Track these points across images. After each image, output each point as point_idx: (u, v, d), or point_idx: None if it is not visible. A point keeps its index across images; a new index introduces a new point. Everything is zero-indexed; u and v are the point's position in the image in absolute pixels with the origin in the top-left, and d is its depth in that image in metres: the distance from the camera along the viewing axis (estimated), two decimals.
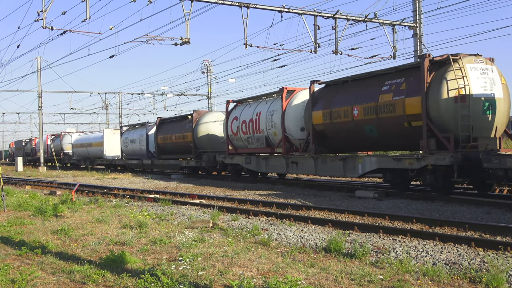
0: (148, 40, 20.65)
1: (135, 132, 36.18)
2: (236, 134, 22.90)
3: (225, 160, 23.84)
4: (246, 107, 22.68)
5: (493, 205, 12.09)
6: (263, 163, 20.96)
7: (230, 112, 23.92)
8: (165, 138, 30.65)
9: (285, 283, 5.41)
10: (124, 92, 56.03)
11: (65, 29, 22.19)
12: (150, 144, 33.44)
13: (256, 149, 21.55)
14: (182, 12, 19.14)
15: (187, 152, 28.05)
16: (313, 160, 17.99)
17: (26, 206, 13.74)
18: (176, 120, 30.59)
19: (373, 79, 16.03)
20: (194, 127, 27.15)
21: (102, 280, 6.18)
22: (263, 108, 21.10)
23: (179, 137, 28.62)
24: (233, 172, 24.05)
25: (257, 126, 21.26)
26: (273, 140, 20.54)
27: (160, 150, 31.69)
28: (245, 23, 20.57)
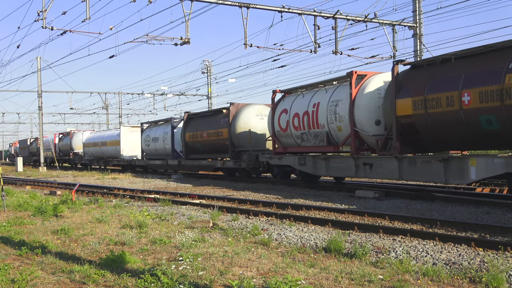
0: (148, 40, 20.66)
1: (158, 129, 32.38)
2: (285, 129, 19.53)
3: (271, 160, 20.53)
4: (298, 97, 19.12)
5: (493, 205, 12.10)
6: (322, 165, 17.50)
7: (277, 104, 20.40)
8: (195, 136, 27.13)
9: (285, 283, 5.41)
10: (124, 92, 56.03)
11: (65, 29, 22.20)
12: (176, 143, 29.99)
13: (312, 148, 18.01)
14: (182, 12, 19.16)
15: (222, 151, 24.75)
16: (396, 162, 14.28)
17: (26, 206, 13.74)
18: (208, 114, 27.05)
19: (492, 54, 12.19)
20: (231, 122, 23.61)
21: (102, 280, 6.19)
22: (323, 98, 17.45)
23: (212, 134, 25.25)
24: (281, 175, 21.04)
25: (314, 120, 17.66)
26: (336, 137, 16.94)
27: (188, 149, 28.14)
28: (245, 23, 20.58)
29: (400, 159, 14.23)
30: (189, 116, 28.72)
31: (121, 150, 37.58)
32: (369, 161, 15.44)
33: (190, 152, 28.13)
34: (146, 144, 33.84)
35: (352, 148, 15.99)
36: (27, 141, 67.32)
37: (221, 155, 25.19)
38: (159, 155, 32.24)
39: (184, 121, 28.55)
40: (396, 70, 14.54)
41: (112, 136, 40.01)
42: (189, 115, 28.76)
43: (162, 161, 31.06)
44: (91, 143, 44.31)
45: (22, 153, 68.66)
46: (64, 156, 52.31)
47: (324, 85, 18.19)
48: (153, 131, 33.01)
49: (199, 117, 27.71)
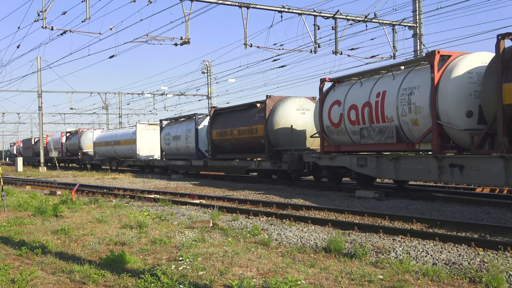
0: (148, 40, 20.66)
1: (179, 127, 29.36)
2: (337, 124, 16.74)
3: (319, 161, 17.60)
4: (355, 86, 16.37)
5: (493, 205, 12.10)
6: (389, 167, 14.45)
7: (326, 95, 17.61)
8: (223, 133, 24.14)
9: (285, 283, 5.41)
10: (124, 92, 56.04)
11: (65, 29, 22.19)
12: (200, 141, 27.18)
13: (375, 146, 15.23)
14: (182, 12, 19.15)
15: (256, 150, 21.99)
16: (502, 163, 11.29)
17: (26, 206, 13.75)
18: (238, 109, 23.94)
19: None
20: (268, 118, 20.82)
21: (102, 280, 6.19)
22: (390, 86, 14.63)
23: (244, 131, 22.35)
24: (331, 178, 18.07)
25: (379, 113, 14.85)
26: (410, 132, 14.02)
27: (215, 149, 25.13)
28: (245, 23, 20.57)
29: (508, 160, 11.14)
30: (216, 111, 25.54)
31: (137, 150, 34.49)
32: (458, 162, 12.36)
33: (218, 152, 25.16)
34: (166, 143, 30.76)
35: (434, 146, 12.97)
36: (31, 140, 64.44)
37: (255, 155, 22.50)
38: (181, 155, 29.33)
39: (211, 117, 25.48)
40: (502, 46, 11.54)
41: (127, 134, 36.82)
42: (216, 110, 25.66)
43: (185, 161, 28.00)
44: (102, 142, 41.20)
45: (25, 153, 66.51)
46: (72, 156, 49.70)
47: (388, 71, 15.33)
48: (174, 128, 30.01)
49: (228, 113, 24.55)
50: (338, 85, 17.50)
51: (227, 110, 24.98)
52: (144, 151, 34.57)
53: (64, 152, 51.37)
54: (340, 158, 16.71)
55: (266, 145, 20.85)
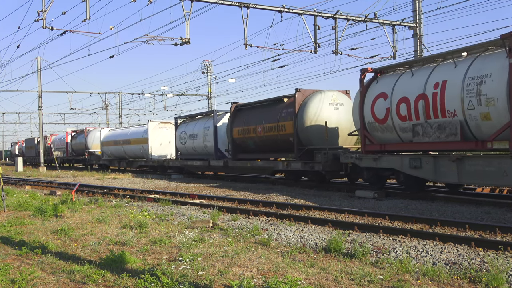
0: (148, 40, 20.66)
1: (196, 125, 27.47)
2: (383, 120, 14.88)
3: (360, 162, 15.73)
4: (404, 76, 14.51)
5: (493, 205, 12.10)
6: (451, 168, 12.72)
7: (367, 87, 15.74)
8: (245, 131, 22.21)
9: (285, 283, 5.41)
10: (124, 92, 56.03)
11: (65, 29, 22.21)
12: (219, 140, 25.37)
13: (433, 145, 13.32)
14: (182, 12, 19.16)
15: (283, 149, 20.20)
16: None
17: (26, 206, 13.75)
18: (262, 105, 22.00)
19: None
20: (298, 113, 18.95)
21: (102, 280, 6.19)
22: (452, 74, 12.77)
23: (270, 128, 20.50)
24: (373, 181, 16.06)
25: (437, 106, 13.02)
26: (478, 129, 12.21)
27: (237, 148, 23.31)
28: (245, 23, 20.58)
29: None
30: (237, 107, 23.52)
31: (149, 149, 32.60)
32: None
33: (239, 151, 23.29)
34: (181, 142, 28.78)
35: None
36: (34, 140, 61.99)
37: (282, 155, 20.81)
38: (198, 154, 27.43)
39: (231, 113, 23.57)
40: None
41: (138, 133, 34.90)
42: (237, 106, 23.53)
43: (203, 161, 26.07)
44: (111, 141, 39.16)
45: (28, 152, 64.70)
46: (77, 156, 47.71)
47: (445, 58, 13.62)
48: (190, 126, 28.10)
49: (251, 109, 22.61)
50: (382, 76, 15.60)
51: (250, 106, 22.83)
52: (157, 151, 32.76)
53: (69, 152, 49.62)
54: (387, 159, 14.82)
55: (295, 144, 18.95)
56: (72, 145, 48.80)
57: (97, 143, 43.36)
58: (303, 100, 19.14)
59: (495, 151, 12.53)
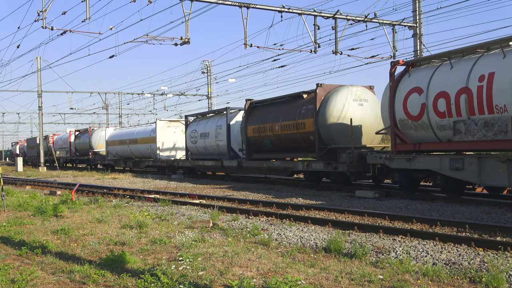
0: (148, 40, 20.67)
1: (208, 123, 26.27)
2: (417, 117, 13.69)
3: (391, 162, 14.39)
4: (442, 69, 13.35)
5: (493, 205, 12.10)
6: (500, 170, 11.52)
7: (398, 81, 14.62)
8: (261, 129, 20.95)
9: (285, 283, 5.41)
10: (124, 92, 56.01)
11: (65, 29, 22.22)
12: (233, 139, 24.10)
13: (480, 144, 12.12)
14: (182, 12, 19.16)
15: (303, 149, 18.98)
16: None
17: (26, 206, 13.75)
18: (280, 101, 20.72)
19: None
20: (320, 110, 17.70)
21: (102, 280, 6.19)
22: (501, 66, 11.66)
23: (289, 126, 19.24)
24: (405, 184, 14.76)
25: (483, 101, 11.88)
26: None
27: (252, 147, 22.05)
28: (245, 23, 20.58)
29: None
30: (251, 104, 22.31)
31: (158, 149, 31.30)
32: None
33: (254, 151, 22.06)
34: (192, 141, 27.47)
35: None
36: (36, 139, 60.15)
37: (301, 155, 19.70)
38: (209, 154, 26.23)
39: (245, 111, 22.36)
40: None
41: (145, 132, 33.61)
42: (251, 103, 22.33)
43: (215, 162, 24.80)
44: (116, 140, 37.70)
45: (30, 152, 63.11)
46: (81, 156, 46.34)
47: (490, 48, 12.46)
48: (202, 125, 26.84)
49: (267, 106, 21.37)
50: (415, 69, 14.46)
51: (266, 102, 21.53)
52: (165, 151, 31.52)
53: (72, 152, 48.32)
54: (423, 159, 13.55)
55: (316, 143, 17.77)
56: (76, 144, 47.77)
57: (101, 143, 42.22)
58: (325, 96, 17.90)
59: None
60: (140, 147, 33.94)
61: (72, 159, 48.85)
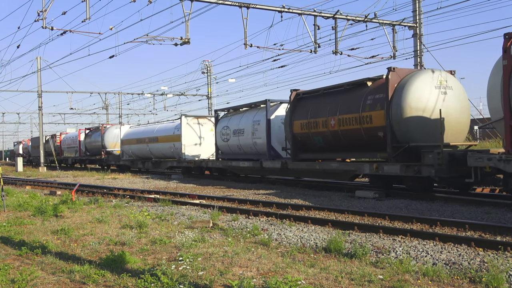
0: (148, 40, 20.67)
1: (242, 118, 23.23)
2: None
3: (508, 165, 11.31)
4: None
5: (493, 205, 12.09)
6: None
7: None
8: (311, 125, 17.88)
9: (285, 283, 5.41)
10: (124, 92, 55.94)
11: (65, 29, 22.23)
12: (273, 136, 21.06)
13: None
14: (182, 12, 19.18)
15: (369, 148, 15.77)
16: None
17: (26, 206, 13.75)
18: (337, 91, 17.39)
19: None
20: (393, 100, 14.61)
21: (102, 280, 6.19)
22: None
23: (349, 120, 16.05)
24: None
25: None
26: None
27: (298, 146, 18.98)
28: (245, 23, 20.59)
29: None
30: (298, 95, 19.11)
31: (183, 148, 28.17)
32: None
33: (302, 150, 19.02)
34: (223, 139, 24.55)
35: None
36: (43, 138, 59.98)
37: (364, 155, 16.57)
38: (244, 154, 23.32)
39: (291, 103, 19.20)
40: None
41: (167, 129, 30.52)
42: (298, 94, 19.05)
43: (253, 162, 21.52)
44: (133, 139, 34.63)
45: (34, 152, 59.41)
46: (92, 156, 43.54)
47: None
48: (235, 120, 23.82)
49: (319, 97, 18.18)
50: None
51: (317, 92, 18.30)
52: (191, 150, 28.41)
53: (82, 151, 45.37)
54: None
55: (388, 140, 14.68)
56: (86, 144, 44.77)
57: (115, 142, 39.33)
58: (399, 83, 14.78)
59: None
60: (161, 146, 30.95)
61: (81, 159, 46.11)
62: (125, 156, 36.46)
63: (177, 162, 29.09)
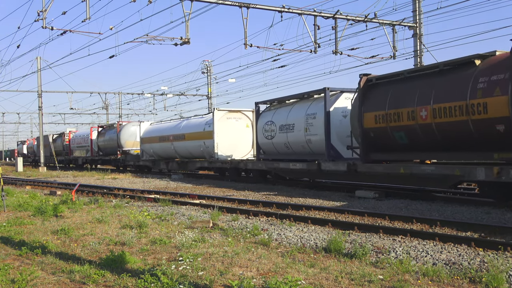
0: (148, 40, 20.66)
1: (292, 111, 19.72)
2: None
3: None
4: None
5: (493, 205, 12.10)
6: None
7: None
8: (389, 117, 14.33)
9: (285, 283, 5.41)
10: (124, 92, 55.96)
11: (65, 29, 22.21)
12: (333, 132, 17.51)
13: None
14: (182, 12, 19.16)
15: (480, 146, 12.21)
16: None
17: (26, 206, 13.75)
18: (428, 73, 13.75)
19: None
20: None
21: (102, 280, 6.19)
22: None
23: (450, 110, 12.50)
24: None
25: None
26: None
27: (371, 144, 15.32)
28: (245, 23, 20.58)
29: None
30: (369, 81, 15.59)
31: (216, 146, 24.62)
32: None
33: (376, 149, 15.33)
34: (266, 136, 20.95)
35: None
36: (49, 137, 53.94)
37: (473, 155, 12.71)
38: (293, 154, 19.74)
39: (360, 90, 15.59)
40: None
41: (197, 125, 26.97)
42: (369, 79, 15.58)
43: (307, 164, 18.03)
44: (155, 137, 31.37)
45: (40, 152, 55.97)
46: (105, 155, 39.94)
47: None
48: (281, 114, 20.24)
49: (401, 82, 14.52)
50: None
51: (398, 76, 14.65)
52: (224, 149, 24.93)
53: (94, 151, 41.86)
54: None
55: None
56: (99, 143, 40.99)
57: (133, 140, 35.85)
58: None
59: None
60: (189, 145, 27.45)
61: (93, 159, 42.27)
62: (145, 156, 33.06)
63: (208, 162, 25.65)
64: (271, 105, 22.23)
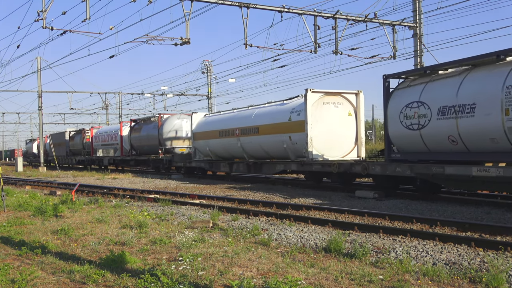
0: (148, 40, 20.66)
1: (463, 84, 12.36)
2: None
3: None
4: None
5: (493, 205, 12.10)
6: None
7: None
8: None
9: (285, 283, 5.41)
10: (124, 92, 55.88)
11: (65, 29, 22.22)
12: None
13: None
14: (182, 12, 19.14)
15: None
16: None
17: (26, 206, 13.75)
18: None
19: None
20: None
21: (102, 280, 6.19)
22: None
23: None
24: None
25: None
26: None
27: None
28: (245, 23, 20.57)
29: None
30: None
31: (309, 143, 17.97)
32: None
33: None
34: (408, 125, 13.92)
35: None
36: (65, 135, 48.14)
37: None
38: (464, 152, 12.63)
39: None
40: None
41: (279, 113, 20.11)
42: None
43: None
44: (212, 131, 24.58)
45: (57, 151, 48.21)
46: (140, 155, 33.66)
47: None
48: (441, 89, 13.15)
49: None
50: None
51: None
52: (321, 146, 18.29)
53: (125, 150, 35.73)
54: None
55: None
56: (132, 140, 34.41)
57: (179, 136, 29.77)
58: None
59: None
60: (264, 141, 20.70)
61: (124, 159, 35.51)
62: (198, 155, 26.58)
63: (298, 164, 18.75)
64: (414, 79, 14.60)
